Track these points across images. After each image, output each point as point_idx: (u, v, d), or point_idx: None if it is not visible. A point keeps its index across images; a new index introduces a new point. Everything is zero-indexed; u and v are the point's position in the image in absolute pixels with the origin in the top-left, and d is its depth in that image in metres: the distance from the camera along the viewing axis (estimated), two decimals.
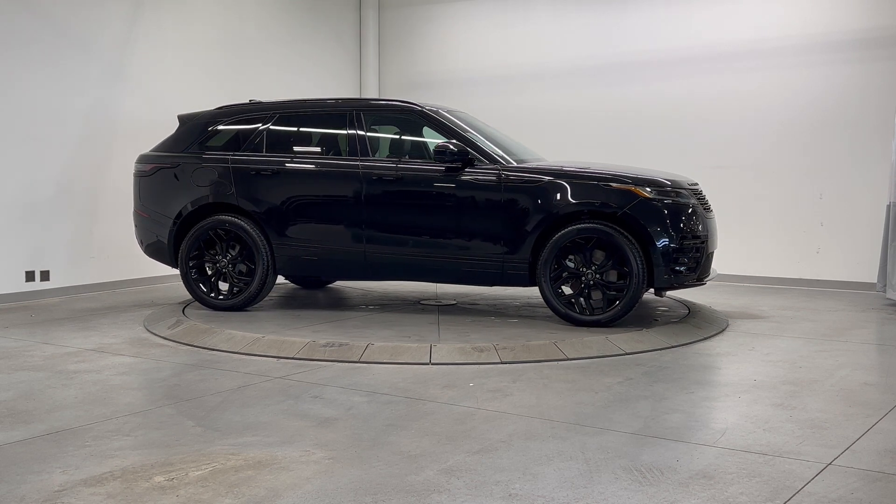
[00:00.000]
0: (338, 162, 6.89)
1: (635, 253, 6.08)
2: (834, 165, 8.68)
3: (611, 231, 6.10)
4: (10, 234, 7.79)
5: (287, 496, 3.17)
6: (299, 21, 10.72)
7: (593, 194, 6.25)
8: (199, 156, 7.20)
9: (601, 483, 3.30)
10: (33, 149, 7.93)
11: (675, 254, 6.15)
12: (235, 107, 7.43)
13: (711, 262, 6.70)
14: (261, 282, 6.92)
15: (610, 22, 9.88)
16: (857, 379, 4.96)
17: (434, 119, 6.80)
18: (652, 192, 6.20)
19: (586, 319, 6.24)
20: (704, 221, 6.44)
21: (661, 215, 6.15)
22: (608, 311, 6.19)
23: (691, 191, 6.51)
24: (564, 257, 6.27)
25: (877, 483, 3.31)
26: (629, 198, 6.16)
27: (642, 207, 6.13)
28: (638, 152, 9.41)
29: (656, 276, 6.13)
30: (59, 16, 8.10)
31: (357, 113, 6.98)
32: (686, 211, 6.28)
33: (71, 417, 4.21)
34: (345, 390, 4.72)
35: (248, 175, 7.01)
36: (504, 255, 6.38)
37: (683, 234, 6.18)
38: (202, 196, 7.09)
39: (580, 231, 6.18)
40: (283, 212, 6.91)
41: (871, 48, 8.44)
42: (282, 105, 7.29)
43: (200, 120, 7.42)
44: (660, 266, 6.10)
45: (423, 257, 6.61)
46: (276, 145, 7.11)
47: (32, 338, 6.22)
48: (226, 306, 7.01)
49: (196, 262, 7.10)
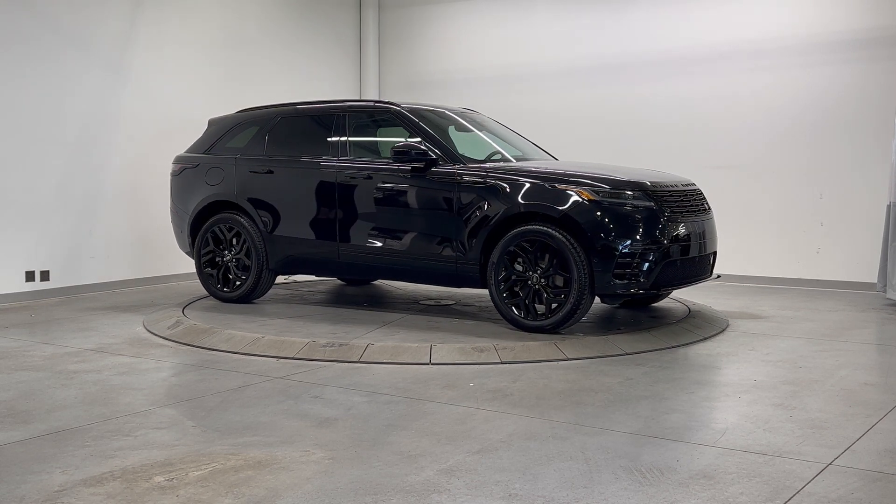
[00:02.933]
0: (317, 161, 7.10)
1: (577, 257, 5.79)
2: (834, 165, 8.68)
3: (553, 234, 5.86)
4: (10, 234, 7.79)
5: (287, 496, 3.17)
6: (299, 21, 10.72)
7: (538, 195, 6.02)
8: (214, 156, 7.67)
9: (601, 483, 3.30)
10: (33, 149, 7.93)
11: (619, 259, 5.76)
12: (252, 110, 7.81)
13: (709, 264, 6.54)
14: (256, 277, 7.30)
15: (610, 22, 9.87)
16: (857, 379, 4.96)
17: (406, 119, 6.83)
18: (597, 194, 5.88)
19: (531, 325, 6.00)
20: (670, 225, 5.96)
21: (604, 218, 5.81)
22: (550, 317, 5.93)
23: (670, 192, 6.13)
24: (515, 260, 6.06)
25: (877, 483, 3.31)
26: (571, 199, 5.89)
27: (583, 210, 5.83)
28: (638, 152, 9.42)
29: (597, 283, 5.80)
30: (59, 15, 8.09)
31: (343, 114, 7.19)
32: (638, 214, 5.87)
33: (71, 417, 4.21)
34: (345, 390, 4.72)
35: (247, 175, 7.41)
36: (457, 256, 6.34)
37: (632, 238, 5.80)
38: (212, 194, 7.52)
39: (523, 234, 5.98)
40: (273, 210, 7.27)
41: (871, 48, 8.44)
42: (285, 107, 7.59)
43: (222, 122, 7.89)
44: (600, 272, 5.77)
45: (389, 256, 6.72)
46: (276, 146, 7.43)
47: (32, 338, 6.22)
48: (227, 298, 7.45)
49: (209, 256, 7.55)
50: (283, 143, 7.41)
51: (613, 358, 5.50)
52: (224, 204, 7.48)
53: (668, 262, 5.96)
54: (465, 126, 7.35)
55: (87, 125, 8.38)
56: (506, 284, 6.10)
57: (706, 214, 6.51)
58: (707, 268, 6.57)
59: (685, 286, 6.42)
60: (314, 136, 7.37)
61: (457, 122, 7.35)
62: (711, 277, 6.68)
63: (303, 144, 7.36)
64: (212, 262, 7.55)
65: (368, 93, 11.50)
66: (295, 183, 7.19)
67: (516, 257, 6.04)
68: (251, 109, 7.82)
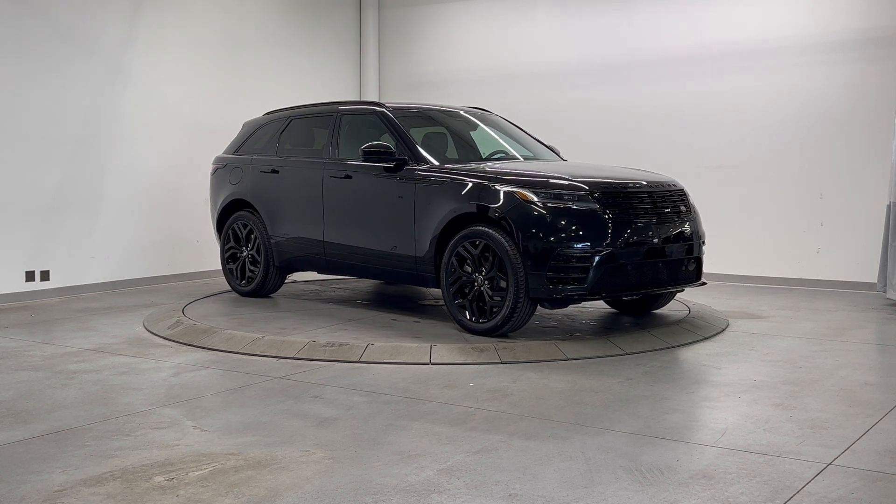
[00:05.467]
0: (310, 162, 7.31)
1: (513, 260, 5.61)
2: (834, 165, 8.68)
3: (493, 235, 5.72)
4: (10, 234, 7.79)
5: (287, 496, 3.17)
6: (299, 21, 10.72)
7: (480, 196, 5.89)
8: (237, 157, 8.03)
9: (601, 483, 3.30)
10: (33, 149, 7.93)
11: (553, 262, 5.53)
12: (275, 111, 8.08)
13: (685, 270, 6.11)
14: (264, 274, 7.62)
15: (611, 22, 9.87)
16: (857, 379, 4.96)
17: (385, 118, 6.88)
18: (535, 195, 5.68)
19: (474, 327, 5.88)
20: (617, 228, 5.64)
21: (539, 220, 5.60)
22: (490, 321, 5.80)
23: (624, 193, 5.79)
24: (464, 262, 5.94)
25: (877, 483, 3.31)
26: (508, 200, 5.73)
27: (519, 210, 5.66)
28: (638, 152, 9.41)
29: (532, 287, 5.59)
30: (60, 16, 8.09)
31: (338, 115, 7.33)
32: (577, 216, 5.61)
33: (71, 417, 4.21)
34: (345, 390, 4.72)
35: (258, 175, 7.71)
36: (416, 257, 6.34)
37: (568, 241, 5.54)
38: (231, 193, 7.90)
39: (468, 235, 5.88)
40: (276, 209, 7.51)
41: (871, 48, 8.44)
42: (297, 109, 7.85)
43: (251, 124, 8.20)
44: (535, 276, 5.57)
45: (361, 255, 6.86)
46: (284, 148, 7.68)
47: (32, 338, 6.22)
48: (242, 292, 7.84)
49: (230, 251, 7.92)
50: (290, 144, 7.66)
51: (613, 358, 5.50)
52: (241, 203, 7.83)
53: (613, 266, 5.63)
54: (468, 126, 7.35)
55: (87, 125, 8.38)
56: (455, 286, 6.02)
57: (680, 217, 6.10)
58: (681, 274, 6.13)
59: (650, 292, 6.10)
60: (313, 138, 7.56)
61: (458, 123, 7.35)
62: (694, 284, 6.27)
63: (304, 145, 7.58)
64: (233, 258, 7.92)
65: (368, 93, 11.50)
66: (292, 183, 7.41)
67: (465, 259, 5.94)
68: (275, 111, 8.09)
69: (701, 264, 6.35)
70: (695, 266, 6.26)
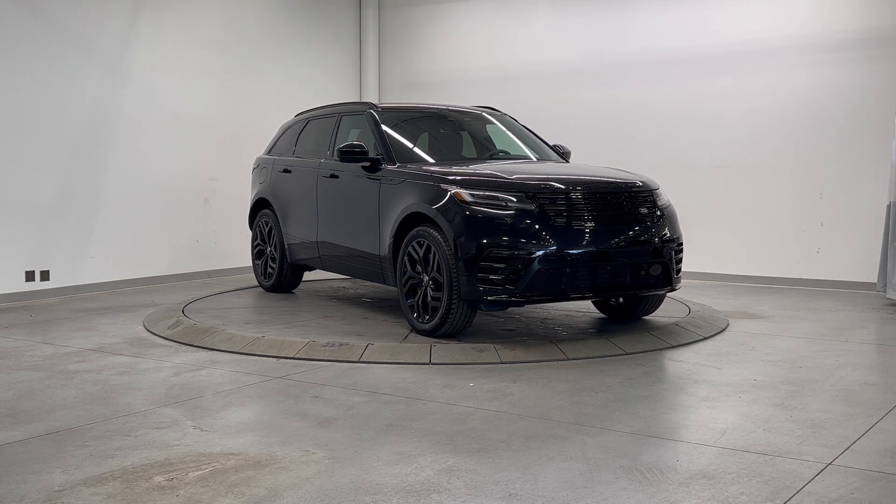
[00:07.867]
0: (311, 162, 7.50)
1: (448, 260, 5.55)
2: (834, 165, 8.68)
3: (433, 235, 5.68)
4: (10, 234, 7.79)
5: (287, 496, 3.17)
6: (299, 21, 10.72)
7: (425, 196, 5.85)
8: (267, 157, 8.36)
9: (601, 483, 3.30)
10: (34, 148, 7.92)
11: (482, 263, 5.41)
12: (302, 113, 8.31)
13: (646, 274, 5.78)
14: (279, 271, 7.95)
15: (610, 22, 9.87)
16: (857, 379, 4.96)
17: (371, 118, 6.92)
18: (471, 196, 5.58)
19: (419, 327, 5.86)
20: (555, 230, 5.47)
21: (471, 220, 5.49)
22: (430, 321, 5.76)
23: (566, 194, 5.59)
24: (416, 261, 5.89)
25: (877, 483, 3.31)
26: (444, 200, 5.66)
27: (453, 211, 5.58)
28: (638, 152, 9.42)
29: (463, 288, 5.49)
30: (59, 15, 8.09)
31: (339, 116, 7.48)
32: (511, 217, 5.46)
33: (71, 417, 4.21)
34: (345, 390, 4.72)
35: (276, 175, 8.02)
36: (380, 256, 6.41)
37: (498, 242, 5.41)
38: (258, 192, 8.26)
39: (415, 235, 5.87)
40: (286, 209, 7.85)
41: (870, 48, 8.44)
42: (314, 110, 8.07)
43: (283, 126, 8.44)
44: (466, 277, 5.46)
45: (341, 254, 7.03)
46: (300, 148, 7.89)
47: (32, 338, 6.22)
48: (266, 287, 8.18)
49: (258, 248, 8.27)
50: (303, 145, 7.87)
51: (613, 358, 5.50)
52: (265, 202, 8.17)
53: (549, 270, 5.43)
54: (468, 126, 7.35)
55: (87, 125, 8.38)
56: (407, 286, 6.01)
57: (638, 219, 5.79)
58: (643, 278, 5.80)
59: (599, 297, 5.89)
60: (318, 139, 7.67)
61: (458, 122, 7.35)
62: (661, 289, 5.96)
63: (311, 146, 7.74)
64: (260, 254, 8.27)
65: (368, 93, 11.50)
66: (297, 183, 7.62)
67: (416, 259, 5.91)
68: (302, 113, 8.32)
69: (670, 268, 5.90)
70: (661, 270, 5.86)
